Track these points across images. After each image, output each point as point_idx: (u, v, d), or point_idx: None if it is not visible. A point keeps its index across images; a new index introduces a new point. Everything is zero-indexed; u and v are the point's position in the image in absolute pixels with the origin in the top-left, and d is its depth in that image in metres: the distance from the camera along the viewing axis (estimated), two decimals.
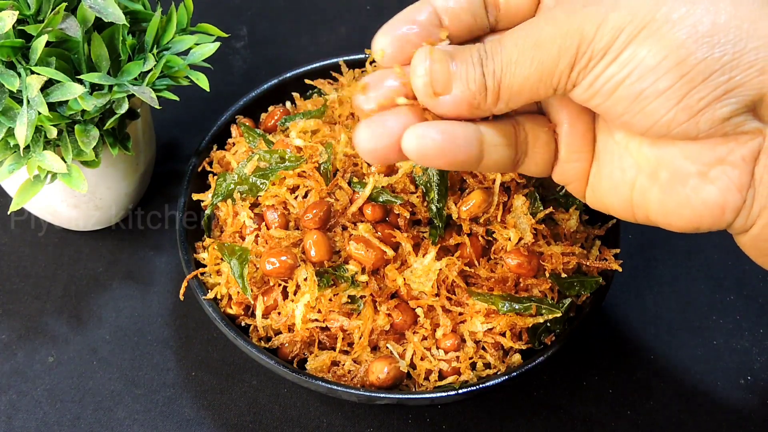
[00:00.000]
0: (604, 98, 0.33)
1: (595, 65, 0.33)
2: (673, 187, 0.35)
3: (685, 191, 0.35)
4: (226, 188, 0.50)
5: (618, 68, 0.32)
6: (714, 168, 0.34)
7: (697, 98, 0.32)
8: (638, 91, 0.32)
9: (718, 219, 0.35)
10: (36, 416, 0.50)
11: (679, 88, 0.32)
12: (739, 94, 0.32)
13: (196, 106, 0.64)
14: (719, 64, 0.31)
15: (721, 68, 0.31)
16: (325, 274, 0.46)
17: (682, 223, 0.36)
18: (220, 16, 0.74)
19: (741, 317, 0.54)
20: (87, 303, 0.55)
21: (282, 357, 0.47)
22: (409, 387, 0.46)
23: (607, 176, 0.38)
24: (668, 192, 0.35)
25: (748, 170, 0.33)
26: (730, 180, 0.34)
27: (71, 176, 0.46)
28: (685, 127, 0.32)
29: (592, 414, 0.50)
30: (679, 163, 0.34)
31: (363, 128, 0.36)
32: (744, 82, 0.31)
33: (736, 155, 0.33)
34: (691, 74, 0.31)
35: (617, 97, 0.33)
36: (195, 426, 0.49)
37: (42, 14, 0.45)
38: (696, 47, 0.31)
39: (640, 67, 0.32)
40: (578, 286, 0.47)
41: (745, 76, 0.31)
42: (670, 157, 0.35)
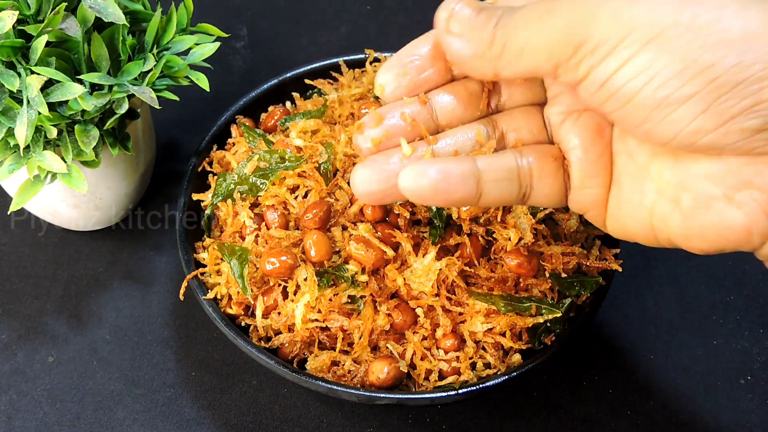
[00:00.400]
0: (621, 103, 0.31)
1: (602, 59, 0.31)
2: (697, 212, 0.33)
3: (709, 216, 0.33)
4: (226, 188, 0.50)
5: (636, 71, 0.30)
6: (740, 192, 0.32)
7: (726, 106, 0.29)
8: (661, 97, 0.30)
9: (745, 243, 0.33)
10: (36, 416, 0.50)
11: (707, 94, 0.29)
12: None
13: (196, 106, 0.64)
14: (751, 71, 0.29)
15: (752, 76, 0.29)
16: (325, 274, 0.46)
17: (705, 246, 0.34)
18: (220, 16, 0.74)
19: (741, 317, 0.54)
20: (87, 303, 0.55)
21: (282, 357, 0.47)
22: (409, 387, 0.46)
23: (626, 200, 0.36)
24: (691, 217, 0.33)
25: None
26: (757, 204, 0.31)
27: (71, 176, 0.46)
28: (713, 137, 0.30)
29: (592, 414, 0.50)
30: (702, 187, 0.33)
31: (359, 170, 0.36)
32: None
33: (764, 177, 0.31)
34: (720, 80, 0.29)
35: (636, 103, 0.31)
36: (195, 426, 0.49)
37: (42, 14, 0.45)
38: (726, 53, 0.29)
39: (663, 71, 0.30)
40: (578, 286, 0.47)
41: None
42: (693, 180, 0.33)
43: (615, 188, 0.36)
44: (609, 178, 0.37)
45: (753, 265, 0.57)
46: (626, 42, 0.30)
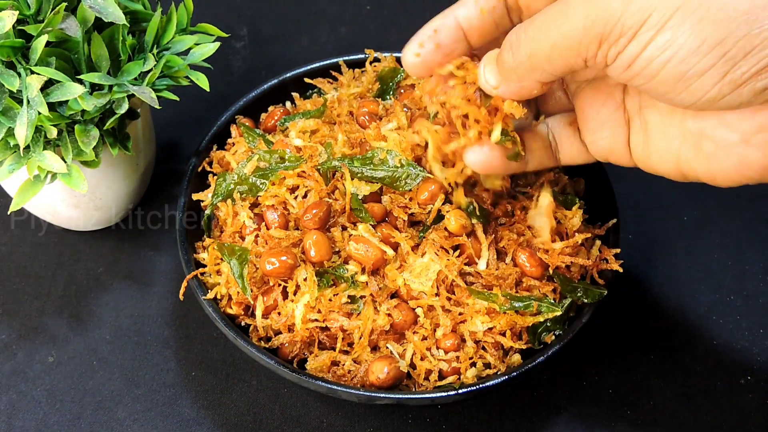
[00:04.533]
0: (647, 79, 0.35)
1: (627, 44, 0.34)
2: (718, 155, 0.37)
3: (729, 158, 0.37)
4: (226, 188, 0.50)
5: (658, 51, 0.33)
6: (756, 135, 0.36)
7: (740, 73, 0.33)
8: (682, 71, 0.33)
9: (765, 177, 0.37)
10: (36, 416, 0.50)
11: (722, 65, 0.33)
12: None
13: (196, 106, 0.64)
14: (759, 39, 0.32)
15: (761, 43, 0.32)
16: (325, 274, 0.46)
17: (729, 182, 0.38)
18: (220, 16, 0.74)
19: (741, 317, 0.54)
20: (87, 303, 0.55)
21: (282, 357, 0.47)
22: (409, 387, 0.46)
23: (655, 149, 0.40)
24: (714, 159, 0.37)
25: None
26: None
27: (71, 176, 0.46)
28: (729, 98, 0.34)
29: (592, 414, 0.50)
30: (721, 134, 0.37)
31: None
32: None
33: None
34: (732, 51, 0.32)
35: (660, 78, 0.34)
36: (195, 426, 0.49)
37: (42, 14, 0.45)
38: (736, 25, 0.32)
39: (681, 50, 0.33)
40: (581, 294, 0.47)
41: None
42: (711, 128, 0.37)
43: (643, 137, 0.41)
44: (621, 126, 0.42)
45: (753, 265, 0.57)
46: (645, 26, 0.33)
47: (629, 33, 0.34)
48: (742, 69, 0.33)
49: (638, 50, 0.34)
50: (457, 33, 0.40)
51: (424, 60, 0.41)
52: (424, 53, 0.41)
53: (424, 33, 0.41)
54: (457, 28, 0.40)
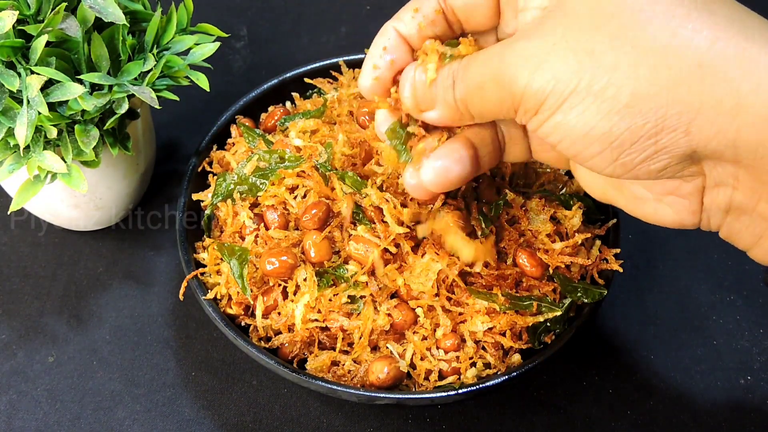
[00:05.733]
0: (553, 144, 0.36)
1: (532, 117, 0.35)
2: (636, 203, 0.39)
3: (645, 208, 0.39)
4: (226, 188, 0.50)
5: (552, 129, 0.35)
6: (666, 197, 0.37)
7: (629, 159, 0.34)
8: (577, 150, 0.35)
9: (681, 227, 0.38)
10: (36, 416, 0.50)
11: (610, 153, 0.34)
12: (669, 152, 0.33)
13: (196, 106, 0.64)
14: (644, 131, 0.33)
15: (645, 134, 0.33)
16: (325, 275, 0.46)
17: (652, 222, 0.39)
18: (220, 16, 0.74)
19: (741, 317, 0.54)
20: (87, 303, 0.55)
21: (282, 357, 0.47)
22: (409, 387, 0.46)
23: (583, 177, 0.41)
24: (633, 205, 0.39)
25: (697, 200, 0.36)
26: (683, 206, 0.37)
27: (71, 176, 0.46)
28: (627, 176, 0.35)
29: (592, 414, 0.50)
30: (636, 189, 0.39)
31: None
32: (671, 143, 0.33)
33: (683, 190, 0.36)
34: (617, 141, 0.33)
35: (562, 148, 0.35)
36: (195, 426, 0.49)
37: (42, 14, 0.45)
38: (618, 118, 0.32)
39: (572, 133, 0.34)
40: (581, 293, 0.47)
41: (670, 138, 0.33)
42: (629, 183, 0.39)
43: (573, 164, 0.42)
44: None
45: (753, 265, 0.56)
46: (543, 107, 0.34)
47: (531, 111, 0.35)
48: (630, 156, 0.34)
49: (537, 125, 0.35)
50: (404, 45, 0.40)
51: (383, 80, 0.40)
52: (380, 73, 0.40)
53: (374, 53, 0.40)
54: (402, 42, 0.40)
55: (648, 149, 0.33)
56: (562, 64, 0.33)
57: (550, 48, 0.33)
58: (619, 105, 0.32)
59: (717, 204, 0.36)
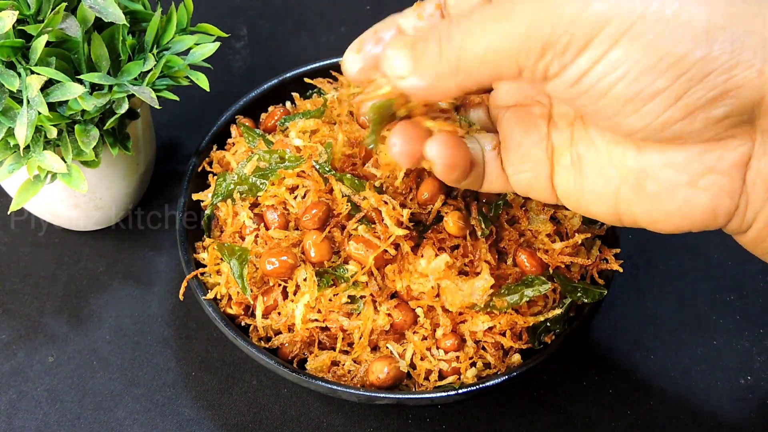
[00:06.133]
0: (593, 99, 0.32)
1: (575, 57, 0.31)
2: (662, 197, 0.34)
3: (674, 201, 0.34)
4: (226, 188, 0.50)
5: (610, 68, 0.31)
6: (704, 177, 0.33)
7: (695, 97, 0.30)
8: (634, 92, 0.31)
9: (710, 223, 0.34)
10: (36, 416, 0.50)
11: (678, 88, 0.30)
12: (738, 96, 0.30)
13: (196, 106, 0.64)
14: (718, 63, 0.30)
15: (719, 67, 0.30)
16: (325, 274, 0.46)
17: (671, 228, 0.35)
18: (220, 16, 0.74)
19: (741, 317, 0.54)
20: (87, 303, 0.55)
21: (282, 357, 0.47)
22: (409, 387, 0.46)
23: (590, 187, 0.37)
24: (656, 202, 0.34)
25: (740, 176, 0.33)
26: (720, 188, 0.33)
27: (71, 176, 0.46)
28: (680, 126, 0.31)
29: (592, 414, 0.50)
30: (666, 175, 0.34)
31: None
32: (743, 83, 0.30)
33: (725, 162, 0.32)
34: (689, 73, 0.30)
35: (609, 99, 0.31)
36: (195, 426, 0.49)
37: (42, 14, 0.45)
38: (694, 45, 0.30)
39: (636, 67, 0.30)
40: (581, 293, 0.47)
41: (744, 77, 0.30)
42: (656, 168, 0.34)
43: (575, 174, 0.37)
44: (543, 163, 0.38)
45: (753, 265, 0.57)
46: (597, 39, 0.30)
47: (578, 44, 0.30)
48: (698, 93, 0.30)
49: (586, 66, 0.31)
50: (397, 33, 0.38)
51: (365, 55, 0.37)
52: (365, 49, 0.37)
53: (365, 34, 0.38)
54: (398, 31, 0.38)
55: (718, 87, 0.30)
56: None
57: None
58: (696, 30, 0.29)
59: (763, 178, 0.32)
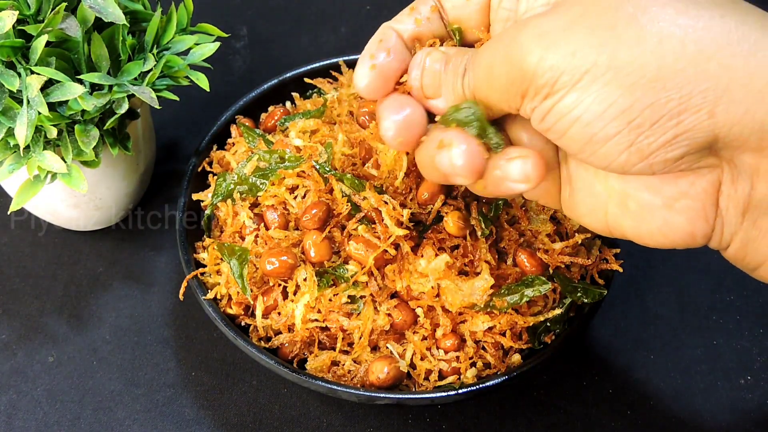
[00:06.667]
0: (559, 135, 0.34)
1: (542, 101, 0.33)
2: (643, 216, 0.35)
3: (654, 220, 0.35)
4: (226, 188, 0.50)
5: (566, 109, 0.32)
6: (678, 201, 0.34)
7: (646, 143, 0.32)
8: (589, 135, 0.32)
9: (690, 243, 0.35)
10: (36, 416, 0.50)
11: (628, 134, 0.32)
12: (690, 137, 0.31)
13: (196, 106, 0.64)
14: (666, 109, 0.31)
15: (668, 113, 0.31)
16: (325, 274, 0.46)
17: (656, 244, 0.36)
18: (220, 16, 0.74)
19: (741, 317, 0.54)
20: (87, 303, 0.55)
21: (282, 357, 0.47)
22: (409, 387, 0.46)
23: (581, 202, 0.38)
24: (639, 220, 0.36)
25: (712, 201, 0.34)
26: (695, 212, 0.34)
27: (71, 176, 0.46)
28: (640, 167, 0.33)
29: (592, 414, 0.50)
30: (644, 197, 0.35)
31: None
32: (693, 126, 0.31)
33: (697, 188, 0.34)
34: (638, 120, 0.31)
35: (570, 137, 0.33)
36: (195, 426, 0.49)
37: (42, 14, 0.45)
38: (642, 93, 0.31)
39: (587, 113, 0.32)
40: (581, 293, 0.47)
41: (694, 120, 0.31)
42: (635, 190, 0.35)
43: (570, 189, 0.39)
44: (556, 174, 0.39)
45: None
46: (556, 85, 0.32)
47: (543, 92, 0.33)
48: (649, 139, 0.31)
49: (548, 107, 0.33)
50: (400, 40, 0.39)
51: (381, 69, 0.38)
52: (379, 63, 0.38)
53: (370, 46, 0.38)
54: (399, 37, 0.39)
55: (668, 132, 0.31)
56: (581, 40, 0.31)
57: (567, 25, 0.32)
58: (644, 79, 0.30)
59: (735, 203, 0.33)
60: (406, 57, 0.39)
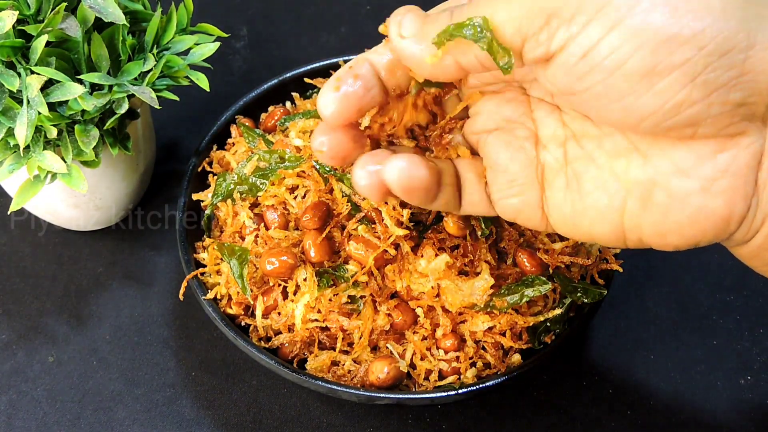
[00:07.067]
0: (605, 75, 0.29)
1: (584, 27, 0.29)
2: (672, 208, 0.32)
3: (685, 210, 0.32)
4: (226, 188, 0.50)
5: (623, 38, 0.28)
6: (717, 181, 0.31)
7: (714, 75, 0.28)
8: (651, 65, 0.28)
9: (721, 232, 0.33)
10: (36, 416, 0.50)
11: (696, 62, 0.28)
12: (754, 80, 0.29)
13: (196, 106, 0.64)
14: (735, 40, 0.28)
15: (737, 45, 0.28)
16: (325, 274, 0.46)
17: (681, 241, 0.33)
18: (220, 16, 0.74)
19: (741, 317, 0.54)
20: (87, 303, 0.55)
21: (282, 357, 0.47)
22: (409, 387, 0.46)
23: (592, 206, 0.35)
24: (666, 213, 0.33)
25: (753, 177, 0.31)
26: (734, 191, 0.31)
27: (71, 176, 0.46)
28: (695, 109, 0.29)
29: (592, 414, 0.50)
30: (677, 183, 0.32)
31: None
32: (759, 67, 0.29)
33: (739, 162, 0.31)
34: (708, 48, 0.28)
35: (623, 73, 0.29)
36: (195, 426, 0.49)
37: (42, 14, 0.45)
38: (712, 20, 0.28)
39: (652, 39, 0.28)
40: (581, 293, 0.47)
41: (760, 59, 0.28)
42: (665, 175, 0.32)
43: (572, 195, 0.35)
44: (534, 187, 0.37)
45: None
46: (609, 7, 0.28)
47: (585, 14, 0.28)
48: (716, 72, 0.28)
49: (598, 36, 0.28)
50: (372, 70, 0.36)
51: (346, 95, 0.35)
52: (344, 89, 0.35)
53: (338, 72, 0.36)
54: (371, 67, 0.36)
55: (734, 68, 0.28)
56: None
57: None
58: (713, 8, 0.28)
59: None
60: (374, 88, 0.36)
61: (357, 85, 0.36)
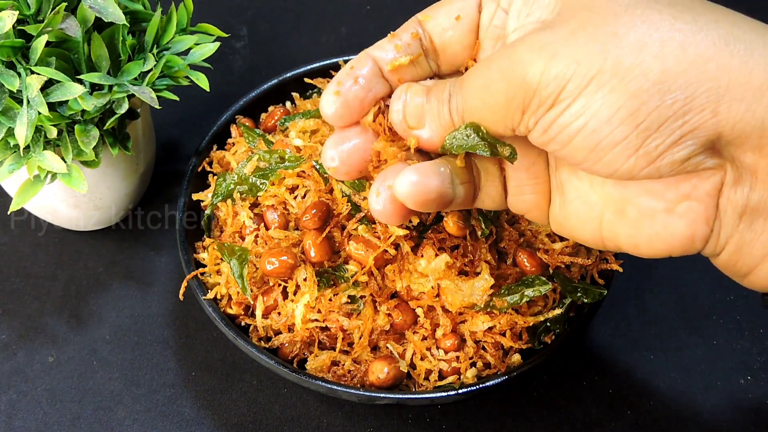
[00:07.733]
0: (562, 146, 0.34)
1: (545, 112, 0.33)
2: (642, 223, 0.36)
3: (654, 226, 0.35)
4: (226, 188, 0.50)
5: (571, 118, 0.33)
6: (680, 204, 0.34)
7: (654, 145, 0.32)
8: (595, 141, 0.33)
9: (688, 248, 0.36)
10: (36, 416, 0.50)
11: (636, 138, 0.32)
12: (696, 136, 0.32)
13: (196, 106, 0.64)
14: (671, 110, 0.31)
15: (673, 115, 0.31)
16: (325, 274, 0.46)
17: (653, 252, 0.37)
18: (220, 16, 0.74)
19: (741, 317, 0.54)
20: (87, 303, 0.55)
21: (282, 357, 0.47)
22: (409, 387, 0.46)
23: (573, 212, 0.38)
24: (637, 227, 0.36)
25: (713, 203, 0.34)
26: (696, 214, 0.34)
27: (71, 176, 0.46)
28: (647, 171, 0.33)
29: (592, 414, 0.50)
30: (645, 202, 0.35)
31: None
32: (699, 125, 0.32)
33: (700, 191, 0.34)
34: (645, 123, 0.32)
35: (574, 146, 0.33)
36: (195, 426, 0.49)
37: (42, 14, 0.45)
38: (648, 96, 0.31)
39: (594, 119, 0.32)
40: (581, 293, 0.47)
41: (699, 120, 0.31)
42: (634, 195, 0.35)
43: (562, 200, 0.39)
44: (546, 187, 0.39)
45: None
46: (562, 95, 0.32)
47: (547, 102, 0.33)
48: (656, 141, 0.32)
49: (552, 117, 0.33)
50: (375, 68, 0.38)
51: (345, 97, 0.37)
52: (344, 90, 0.37)
53: (340, 73, 0.38)
54: (374, 64, 0.38)
55: (675, 133, 0.32)
56: (584, 48, 0.32)
57: (568, 36, 0.32)
58: (649, 83, 0.31)
59: (733, 205, 0.34)
60: (376, 86, 0.38)
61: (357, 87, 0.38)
